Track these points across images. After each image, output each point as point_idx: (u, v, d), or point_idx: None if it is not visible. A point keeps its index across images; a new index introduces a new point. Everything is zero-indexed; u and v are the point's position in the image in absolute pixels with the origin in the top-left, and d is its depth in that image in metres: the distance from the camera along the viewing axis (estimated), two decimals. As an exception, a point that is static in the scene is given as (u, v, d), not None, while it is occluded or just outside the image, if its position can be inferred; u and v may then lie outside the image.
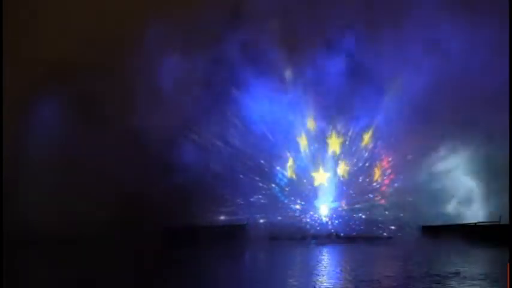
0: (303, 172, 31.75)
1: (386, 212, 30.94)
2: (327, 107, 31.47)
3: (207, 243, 28.10)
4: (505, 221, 27.25)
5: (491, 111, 28.04)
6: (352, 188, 31.61)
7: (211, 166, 31.06)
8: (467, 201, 30.36)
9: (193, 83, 31.10)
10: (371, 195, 31.34)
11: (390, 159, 31.32)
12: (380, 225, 30.96)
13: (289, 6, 30.64)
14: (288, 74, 31.31)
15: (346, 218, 31.29)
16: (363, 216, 31.15)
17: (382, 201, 31.24)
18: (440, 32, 29.72)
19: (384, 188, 31.35)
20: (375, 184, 31.45)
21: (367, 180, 31.48)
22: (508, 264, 15.16)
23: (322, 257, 25.02)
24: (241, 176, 31.16)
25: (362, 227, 30.99)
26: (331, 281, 18.07)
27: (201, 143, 31.15)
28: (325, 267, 21.70)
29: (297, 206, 31.63)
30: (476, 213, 29.98)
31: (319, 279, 18.38)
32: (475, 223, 29.36)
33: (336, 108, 31.43)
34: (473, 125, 29.59)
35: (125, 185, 29.85)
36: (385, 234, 30.64)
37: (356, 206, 31.32)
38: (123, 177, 29.88)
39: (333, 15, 30.53)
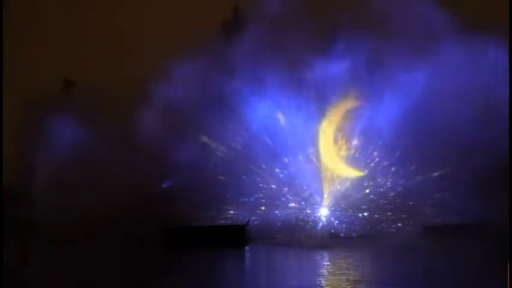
0: (303, 173, 31.98)
1: (389, 213, 31.26)
2: (327, 109, 31.70)
3: (207, 243, 28.30)
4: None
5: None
6: (352, 189, 31.85)
7: (213, 167, 31.37)
8: None
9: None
10: (372, 196, 31.62)
11: (391, 161, 31.55)
12: (379, 227, 31.23)
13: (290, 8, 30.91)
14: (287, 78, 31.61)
15: (346, 218, 31.56)
16: (364, 217, 31.45)
17: (383, 202, 31.52)
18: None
19: (384, 190, 31.63)
20: (375, 185, 31.76)
21: (370, 182, 31.76)
22: (508, 264, 15.36)
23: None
24: (243, 177, 31.53)
25: (362, 228, 31.26)
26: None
27: (204, 146, 31.55)
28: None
29: (296, 205, 31.87)
30: None
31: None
32: None
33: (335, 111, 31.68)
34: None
35: (126, 185, 30.08)
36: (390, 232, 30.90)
37: (356, 206, 31.60)
38: (126, 178, 30.14)
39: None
